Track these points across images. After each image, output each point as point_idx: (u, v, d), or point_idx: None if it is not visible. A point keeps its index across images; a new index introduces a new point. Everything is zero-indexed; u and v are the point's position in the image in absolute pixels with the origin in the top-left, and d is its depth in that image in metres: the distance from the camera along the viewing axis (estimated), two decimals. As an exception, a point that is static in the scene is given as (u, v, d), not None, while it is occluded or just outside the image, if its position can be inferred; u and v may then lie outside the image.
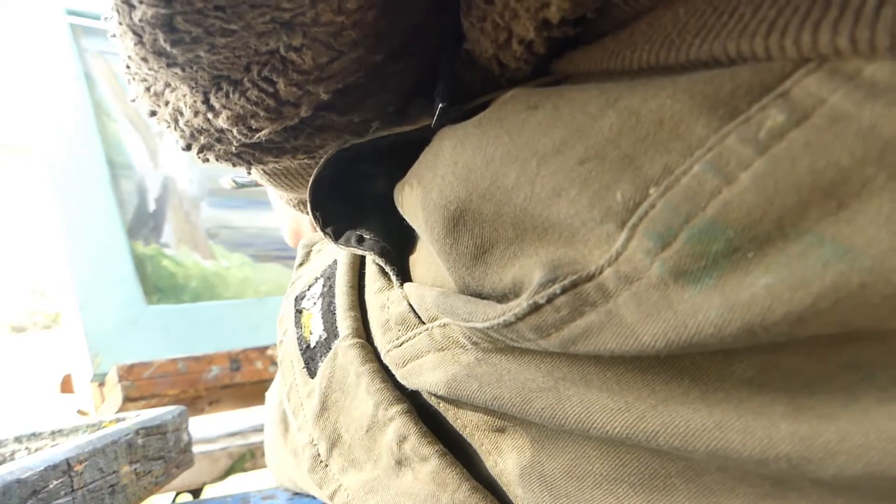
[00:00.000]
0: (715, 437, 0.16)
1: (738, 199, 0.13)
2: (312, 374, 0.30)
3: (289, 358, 0.33)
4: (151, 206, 0.96)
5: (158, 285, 0.90)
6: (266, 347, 0.82)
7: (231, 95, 0.25)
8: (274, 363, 0.81)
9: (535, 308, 0.17)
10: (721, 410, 0.16)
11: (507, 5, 0.20)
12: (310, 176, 0.35)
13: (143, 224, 0.93)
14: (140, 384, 0.73)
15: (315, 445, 0.29)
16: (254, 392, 0.83)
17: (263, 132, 0.26)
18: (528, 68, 0.22)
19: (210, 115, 0.26)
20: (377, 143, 0.27)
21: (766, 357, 0.15)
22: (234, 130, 0.26)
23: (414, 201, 0.22)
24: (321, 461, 0.29)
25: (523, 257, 0.18)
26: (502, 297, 0.20)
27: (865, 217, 0.12)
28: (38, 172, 0.83)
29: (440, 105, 0.23)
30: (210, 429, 0.85)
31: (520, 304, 0.18)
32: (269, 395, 0.43)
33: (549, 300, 0.17)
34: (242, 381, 0.80)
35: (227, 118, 0.25)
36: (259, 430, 0.83)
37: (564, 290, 0.16)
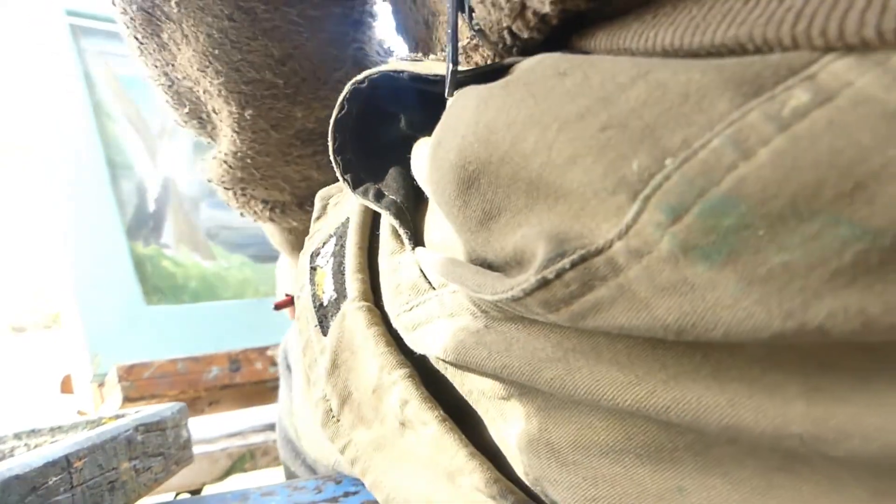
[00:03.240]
0: (727, 413, 0.15)
1: (754, 174, 0.13)
2: (325, 331, 0.30)
3: (304, 314, 0.33)
4: (151, 207, 0.96)
5: (158, 286, 0.90)
6: (266, 348, 0.82)
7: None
8: (274, 364, 0.81)
9: (544, 283, 0.17)
10: (733, 388, 0.16)
11: None
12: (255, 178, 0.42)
13: (143, 224, 0.93)
14: (140, 384, 0.73)
15: (328, 401, 0.30)
16: (253, 392, 0.83)
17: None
18: (540, 38, 0.22)
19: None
20: (395, 80, 0.26)
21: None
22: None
23: (428, 161, 0.22)
24: (333, 416, 0.30)
25: (527, 226, 0.18)
26: (505, 266, 0.20)
27: (885, 198, 0.12)
28: (38, 172, 0.83)
29: (451, 69, 0.23)
30: (210, 429, 0.85)
31: (528, 280, 0.17)
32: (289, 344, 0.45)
33: (558, 275, 0.17)
34: (242, 381, 0.80)
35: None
36: (259, 430, 0.83)
37: (573, 265, 0.16)
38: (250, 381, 0.80)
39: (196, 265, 0.97)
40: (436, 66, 0.25)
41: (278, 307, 0.49)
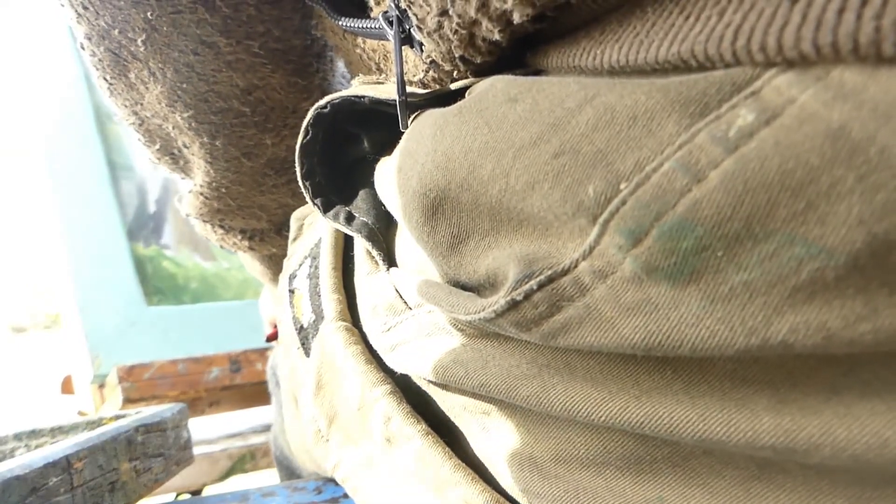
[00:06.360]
0: (699, 428, 0.16)
1: (707, 197, 0.13)
2: (307, 353, 0.31)
3: (287, 337, 0.33)
4: (152, 208, 0.96)
5: (158, 286, 0.90)
6: (266, 349, 0.82)
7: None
8: (274, 364, 0.81)
9: (514, 305, 0.17)
10: (704, 403, 0.16)
11: (462, 16, 0.21)
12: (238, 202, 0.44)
13: (144, 225, 0.93)
14: (140, 385, 0.73)
15: (316, 421, 0.30)
16: (254, 393, 0.83)
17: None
18: (493, 59, 0.22)
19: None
20: (355, 104, 0.27)
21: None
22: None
23: (393, 187, 0.23)
24: (322, 436, 0.30)
25: (497, 248, 0.19)
26: (479, 288, 0.20)
27: (836, 218, 0.12)
28: (39, 173, 0.84)
29: (400, 100, 0.23)
30: (210, 430, 0.85)
31: (498, 302, 0.18)
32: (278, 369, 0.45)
33: (527, 297, 0.17)
34: (242, 382, 0.80)
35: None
36: (259, 431, 0.83)
37: (541, 286, 0.16)
38: (251, 382, 0.80)
39: (196, 266, 0.97)
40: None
41: (269, 340, 0.50)
